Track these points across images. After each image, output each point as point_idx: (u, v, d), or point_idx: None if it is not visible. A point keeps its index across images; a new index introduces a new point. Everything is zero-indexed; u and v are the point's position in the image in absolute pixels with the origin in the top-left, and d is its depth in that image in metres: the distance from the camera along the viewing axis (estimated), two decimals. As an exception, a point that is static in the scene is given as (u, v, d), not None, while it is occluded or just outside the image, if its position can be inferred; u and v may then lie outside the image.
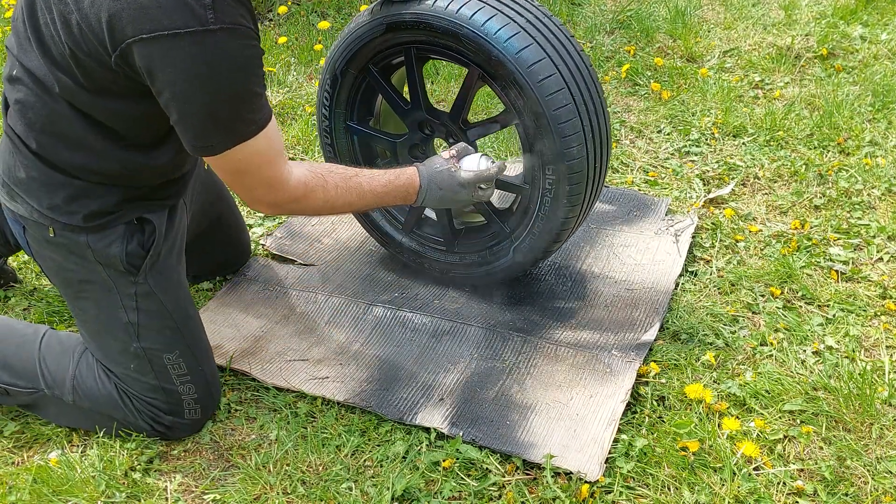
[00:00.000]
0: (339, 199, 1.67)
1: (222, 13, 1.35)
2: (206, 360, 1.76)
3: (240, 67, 1.40)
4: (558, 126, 1.75)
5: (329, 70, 1.99)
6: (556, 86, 1.73)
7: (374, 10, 1.86)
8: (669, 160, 2.68)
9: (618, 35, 3.57)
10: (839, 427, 1.69)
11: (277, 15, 3.81)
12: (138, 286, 1.66)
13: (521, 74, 1.72)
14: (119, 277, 1.66)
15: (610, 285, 2.13)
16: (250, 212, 2.51)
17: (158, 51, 1.34)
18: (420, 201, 1.80)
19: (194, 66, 1.35)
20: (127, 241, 1.64)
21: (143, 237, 1.66)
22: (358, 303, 2.11)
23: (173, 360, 1.70)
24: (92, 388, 1.72)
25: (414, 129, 2.02)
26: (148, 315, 1.68)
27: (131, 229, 1.65)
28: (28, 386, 1.77)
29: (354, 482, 1.63)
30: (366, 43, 1.90)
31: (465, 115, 1.94)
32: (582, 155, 1.79)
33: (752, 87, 3.13)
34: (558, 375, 1.85)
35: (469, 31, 1.73)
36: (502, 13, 1.74)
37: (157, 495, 1.63)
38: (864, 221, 2.33)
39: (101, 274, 1.65)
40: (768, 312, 2.01)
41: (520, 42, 1.72)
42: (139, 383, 1.70)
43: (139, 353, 1.68)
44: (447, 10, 1.74)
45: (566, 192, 1.83)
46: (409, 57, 1.90)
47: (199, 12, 1.33)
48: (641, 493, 1.58)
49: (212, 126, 1.44)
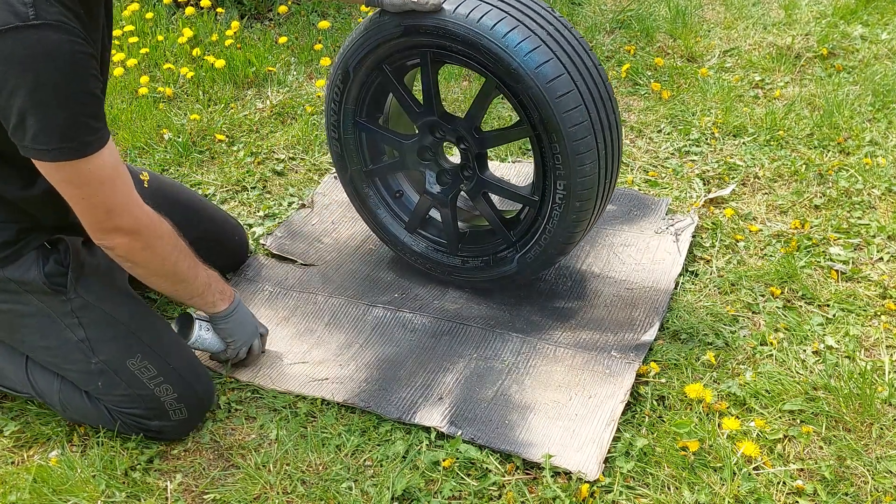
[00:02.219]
0: (181, 261, 1.65)
1: (44, 11, 1.35)
2: (175, 357, 1.72)
3: (68, 62, 1.37)
4: (573, 143, 1.73)
5: (341, 65, 1.96)
6: (573, 102, 1.71)
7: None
8: (669, 160, 2.68)
9: (618, 35, 3.56)
10: (839, 427, 1.69)
11: (277, 15, 3.81)
12: (72, 302, 1.65)
13: (540, 89, 1.69)
14: (50, 300, 1.64)
15: (610, 285, 2.13)
16: (250, 212, 2.51)
17: None
18: (223, 315, 1.79)
19: (21, 61, 1.34)
20: (42, 263, 1.63)
21: (59, 255, 1.65)
22: (358, 304, 2.11)
23: (138, 364, 1.67)
24: (79, 405, 1.72)
25: (425, 132, 2.01)
26: (94, 327, 1.66)
27: (44, 252, 1.64)
28: (24, 391, 1.78)
29: (354, 482, 1.63)
30: (382, 42, 1.86)
31: (479, 124, 1.93)
32: (594, 172, 1.78)
33: (753, 87, 3.12)
34: (557, 375, 1.85)
35: (489, 41, 1.70)
36: (524, 24, 1.71)
37: (157, 495, 1.63)
38: (864, 221, 2.33)
39: (34, 302, 1.64)
40: (768, 312, 2.01)
41: (540, 56, 1.69)
42: (114, 398, 1.68)
43: (102, 368, 1.66)
44: (468, 18, 1.71)
45: (576, 207, 1.82)
46: (425, 60, 1.87)
47: (20, 10, 1.33)
48: (641, 493, 1.58)
49: (51, 126, 1.39)
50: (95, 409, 1.71)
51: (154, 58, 3.41)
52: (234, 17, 3.74)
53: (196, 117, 2.96)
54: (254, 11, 3.86)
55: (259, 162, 2.73)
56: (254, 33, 3.65)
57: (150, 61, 3.38)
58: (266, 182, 2.65)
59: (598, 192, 1.83)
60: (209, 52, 3.40)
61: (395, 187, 2.20)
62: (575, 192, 1.79)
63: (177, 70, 3.31)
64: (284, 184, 2.64)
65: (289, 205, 2.53)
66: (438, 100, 1.95)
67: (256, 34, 3.63)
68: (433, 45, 1.82)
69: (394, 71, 1.95)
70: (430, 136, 2.01)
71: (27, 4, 1.34)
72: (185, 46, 3.44)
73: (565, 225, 1.86)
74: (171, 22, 3.69)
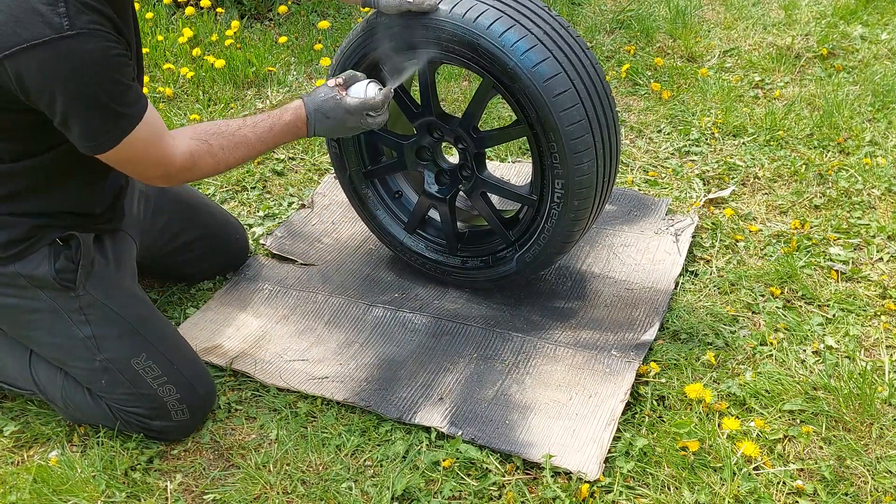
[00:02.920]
0: (230, 157, 1.67)
1: (77, 19, 1.38)
2: (179, 359, 1.73)
3: (103, 66, 1.42)
4: (571, 142, 1.73)
5: (340, 66, 1.96)
6: (570, 101, 1.71)
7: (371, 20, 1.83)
8: (669, 160, 2.68)
9: (618, 35, 3.57)
10: (839, 427, 1.69)
11: (277, 15, 3.81)
12: (80, 299, 1.67)
13: (537, 88, 1.69)
14: (59, 297, 1.66)
15: (610, 285, 2.13)
16: (250, 212, 2.51)
17: (23, 63, 1.37)
18: (311, 132, 1.76)
19: (59, 71, 1.39)
20: (53, 259, 1.65)
21: (70, 252, 1.66)
22: (358, 303, 2.11)
23: (143, 363, 1.68)
24: (81, 403, 1.73)
25: (422, 132, 2.01)
26: (101, 324, 1.67)
27: (56, 249, 1.66)
28: (27, 388, 1.78)
29: (354, 482, 1.63)
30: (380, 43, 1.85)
31: (477, 123, 1.93)
32: (592, 171, 1.78)
33: (752, 87, 3.13)
34: (558, 375, 1.85)
35: (486, 41, 1.70)
36: (520, 24, 1.71)
37: (157, 495, 1.63)
38: (864, 221, 2.33)
39: (43, 298, 1.66)
40: (768, 312, 2.01)
41: (537, 55, 1.69)
42: (117, 397, 1.69)
43: (106, 366, 1.67)
44: (464, 18, 1.71)
45: (574, 206, 1.82)
46: (421, 60, 1.86)
47: (55, 22, 1.37)
48: (641, 493, 1.58)
49: (93, 126, 1.47)
50: (98, 407, 1.71)
51: (154, 58, 3.41)
52: (234, 17, 3.74)
53: (196, 117, 2.96)
54: (254, 11, 3.86)
55: (259, 162, 2.73)
56: (254, 33, 3.65)
57: (150, 61, 3.38)
58: (266, 182, 2.65)
59: (596, 190, 1.83)
60: (209, 52, 3.40)
61: (394, 188, 2.20)
62: (573, 191, 1.79)
63: (177, 70, 3.31)
64: (284, 184, 2.64)
65: (289, 205, 2.53)
66: (436, 100, 1.95)
67: (256, 34, 3.63)
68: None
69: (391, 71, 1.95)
70: (429, 136, 2.01)
71: (61, 15, 1.37)
72: (185, 46, 3.44)
73: (564, 224, 1.86)
74: (170, 22, 3.69)
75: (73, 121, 1.45)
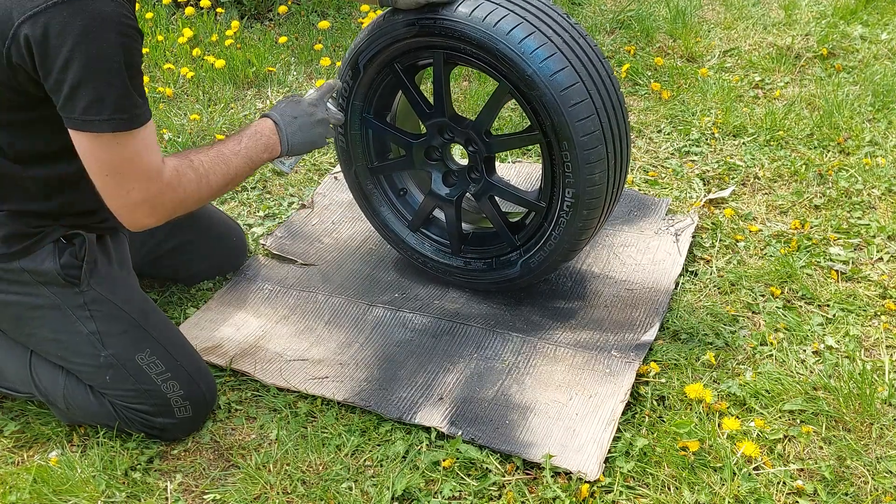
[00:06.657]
0: (211, 173, 1.63)
1: None
2: (183, 356, 1.74)
3: (122, 33, 1.42)
4: (584, 152, 1.72)
5: (351, 61, 1.95)
6: (586, 111, 1.70)
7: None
8: (669, 160, 2.68)
9: (618, 35, 3.57)
10: (839, 427, 1.69)
11: (277, 15, 3.81)
12: (85, 294, 1.67)
13: (554, 97, 1.68)
14: (63, 293, 1.66)
15: (610, 285, 2.13)
16: (250, 212, 2.51)
17: (43, 22, 1.38)
18: (285, 139, 1.75)
19: (77, 31, 1.38)
20: (58, 255, 1.65)
21: (74, 248, 1.67)
22: (358, 303, 2.11)
23: (147, 359, 1.69)
24: (83, 402, 1.73)
25: (433, 133, 2.00)
26: (105, 320, 1.68)
27: (60, 246, 1.66)
28: (26, 391, 1.78)
29: (354, 482, 1.63)
30: (395, 41, 1.85)
31: (489, 127, 1.92)
32: (603, 181, 1.77)
33: (752, 87, 3.13)
34: (558, 375, 1.85)
35: (505, 46, 1.68)
36: (540, 31, 1.69)
37: (157, 495, 1.63)
38: (864, 221, 2.33)
39: (46, 295, 1.66)
40: (768, 312, 2.01)
41: (556, 64, 1.68)
42: (121, 393, 1.69)
43: (111, 361, 1.67)
44: (485, 21, 1.70)
45: (583, 215, 1.82)
46: (437, 60, 1.86)
47: None
48: (641, 493, 1.58)
49: (103, 95, 1.43)
50: (100, 405, 1.71)
51: (154, 58, 3.41)
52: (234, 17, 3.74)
53: (196, 117, 2.96)
54: (254, 11, 3.86)
55: (259, 162, 2.73)
56: (254, 33, 3.65)
57: (150, 61, 3.38)
58: (266, 182, 2.65)
59: (605, 200, 1.83)
60: (209, 52, 3.40)
61: (399, 185, 2.20)
62: (583, 201, 1.79)
63: (177, 70, 3.31)
64: (284, 184, 2.64)
65: (289, 205, 2.53)
66: (449, 101, 1.94)
67: (256, 34, 3.63)
68: (447, 46, 1.81)
69: (405, 70, 1.94)
70: (439, 136, 2.00)
71: None
72: (185, 46, 3.44)
73: (571, 232, 1.85)
74: (171, 22, 3.69)
75: (83, 90, 1.42)
